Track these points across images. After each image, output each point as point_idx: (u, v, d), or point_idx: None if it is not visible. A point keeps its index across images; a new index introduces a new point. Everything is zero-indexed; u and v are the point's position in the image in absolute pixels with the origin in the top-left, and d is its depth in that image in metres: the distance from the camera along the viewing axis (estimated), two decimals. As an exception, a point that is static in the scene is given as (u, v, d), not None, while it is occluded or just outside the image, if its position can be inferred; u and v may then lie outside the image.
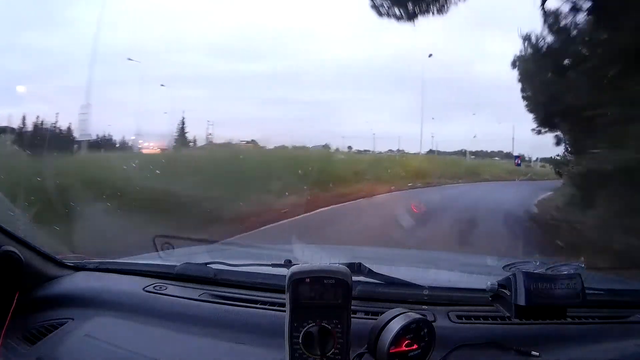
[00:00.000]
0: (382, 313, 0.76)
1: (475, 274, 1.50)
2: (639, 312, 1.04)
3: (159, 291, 1.08)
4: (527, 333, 0.91)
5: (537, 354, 0.84)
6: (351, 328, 0.71)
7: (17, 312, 0.97)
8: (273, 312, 0.97)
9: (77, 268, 1.22)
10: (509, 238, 5.81)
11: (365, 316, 0.94)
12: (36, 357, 0.88)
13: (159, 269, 1.19)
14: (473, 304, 1.00)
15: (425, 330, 0.74)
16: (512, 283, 0.80)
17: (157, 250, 1.41)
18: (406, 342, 0.72)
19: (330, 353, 0.69)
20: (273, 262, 1.09)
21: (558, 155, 14.48)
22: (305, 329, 0.69)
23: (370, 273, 1.02)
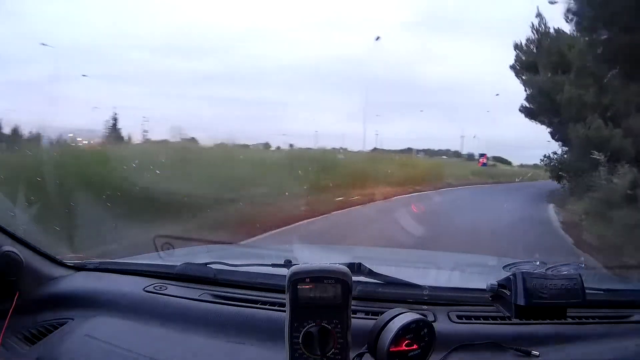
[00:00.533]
0: (382, 313, 0.76)
1: (475, 274, 1.50)
2: (639, 312, 1.04)
3: (159, 291, 1.08)
4: (527, 333, 0.91)
5: (537, 354, 0.85)
6: (351, 328, 0.71)
7: (17, 312, 0.97)
8: (273, 312, 0.97)
9: (77, 268, 1.22)
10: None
11: (365, 316, 0.94)
12: (36, 357, 0.88)
13: (159, 269, 1.19)
14: (473, 304, 1.00)
15: (425, 330, 0.74)
16: (512, 283, 0.80)
17: (157, 250, 1.42)
18: (406, 342, 0.72)
19: (330, 353, 0.69)
20: (273, 262, 1.09)
21: (555, 154, 14.14)
22: (305, 329, 0.69)
23: (371, 273, 1.02)
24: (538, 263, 0.87)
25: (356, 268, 1.00)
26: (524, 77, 14.05)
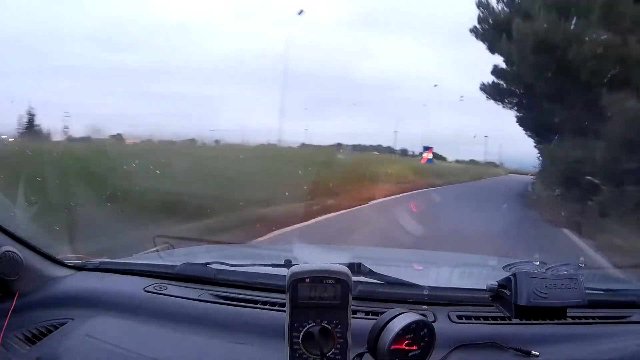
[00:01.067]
0: (382, 313, 0.76)
1: (475, 274, 1.50)
2: (639, 312, 1.04)
3: (159, 291, 1.08)
4: (527, 333, 0.91)
5: (537, 354, 0.85)
6: (351, 328, 0.71)
7: (17, 312, 0.97)
8: (273, 312, 0.97)
9: (77, 268, 1.22)
10: None
11: (365, 316, 0.94)
12: (36, 357, 0.88)
13: (159, 269, 1.19)
14: (473, 304, 1.00)
15: (425, 330, 0.74)
16: (512, 283, 0.80)
17: (157, 250, 1.42)
18: (406, 342, 0.72)
19: (330, 353, 0.69)
20: (273, 262, 1.09)
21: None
22: (305, 329, 0.69)
23: (371, 273, 1.02)
24: (538, 263, 0.87)
25: (356, 268, 1.00)
26: (493, 40, 11.55)
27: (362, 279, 1.01)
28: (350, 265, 0.96)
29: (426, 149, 20.58)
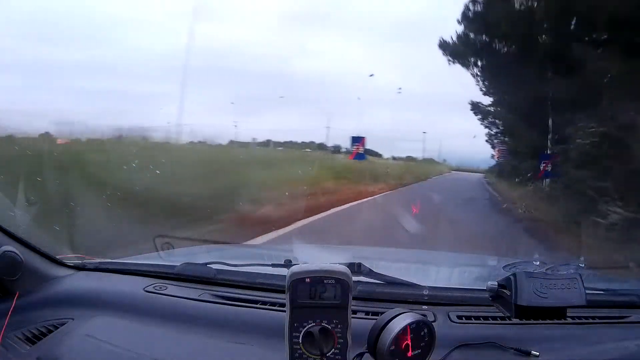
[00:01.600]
0: (382, 313, 0.76)
1: (475, 274, 1.50)
2: (638, 312, 1.04)
3: (159, 291, 1.08)
4: (527, 333, 0.91)
5: (537, 354, 0.85)
6: (351, 328, 0.71)
7: (17, 312, 0.97)
8: (273, 312, 0.97)
9: (77, 268, 1.22)
10: None
11: (365, 316, 0.94)
12: (36, 357, 0.88)
13: (159, 269, 1.19)
14: (473, 304, 1.00)
15: (425, 330, 0.74)
16: (512, 283, 0.80)
17: (157, 250, 1.42)
18: (406, 342, 0.72)
19: (330, 353, 0.69)
20: (273, 262, 1.09)
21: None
22: (305, 329, 0.69)
23: (371, 273, 1.02)
24: (538, 263, 0.87)
25: (356, 268, 1.00)
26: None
27: (362, 279, 1.01)
28: (350, 265, 0.96)
29: (356, 140, 13.81)
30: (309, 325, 0.69)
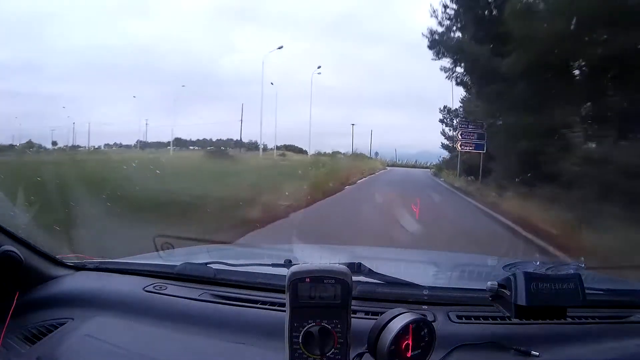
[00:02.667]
0: (382, 313, 0.76)
1: (475, 274, 1.50)
2: (639, 312, 1.04)
3: (159, 291, 1.08)
4: (527, 333, 0.91)
5: (537, 354, 0.85)
6: (351, 328, 0.71)
7: (17, 312, 0.97)
8: (273, 312, 0.97)
9: (77, 268, 1.22)
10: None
11: (365, 316, 0.94)
12: (36, 357, 0.88)
13: (159, 268, 1.19)
14: (473, 304, 1.00)
15: (425, 330, 0.74)
16: (512, 283, 0.80)
17: (157, 250, 1.42)
18: (406, 342, 0.72)
19: (330, 353, 0.69)
20: (273, 262, 1.09)
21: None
22: (305, 329, 0.69)
23: (371, 273, 1.02)
24: (538, 263, 0.87)
25: (356, 268, 1.00)
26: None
27: (362, 279, 1.01)
28: (350, 265, 0.96)
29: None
30: (309, 325, 0.69)
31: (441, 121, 23.26)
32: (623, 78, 7.44)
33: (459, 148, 15.75)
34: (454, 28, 12.16)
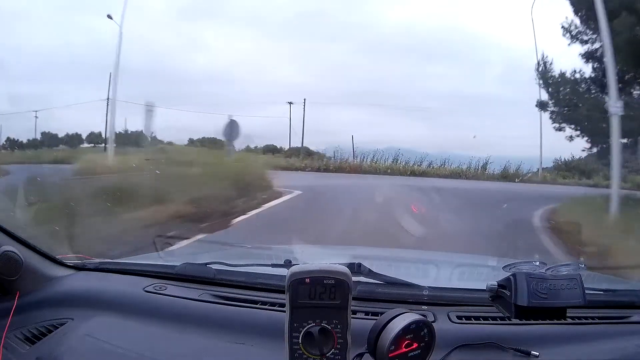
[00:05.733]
0: (382, 313, 0.76)
1: (475, 274, 1.50)
2: (638, 312, 1.04)
3: (159, 291, 1.08)
4: (527, 333, 0.91)
5: (537, 354, 0.85)
6: (351, 328, 0.71)
7: (17, 312, 0.97)
8: (273, 312, 0.97)
9: (77, 268, 1.23)
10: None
11: (365, 316, 0.94)
12: (36, 357, 0.88)
13: (159, 269, 1.19)
14: (473, 304, 1.00)
15: (425, 331, 0.74)
16: (512, 283, 0.80)
17: (157, 250, 1.42)
18: (406, 342, 0.72)
19: (330, 353, 0.69)
20: (273, 262, 1.10)
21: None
22: (305, 329, 0.69)
23: (370, 273, 1.02)
24: (538, 263, 0.87)
25: (356, 268, 1.00)
26: None
27: (362, 279, 1.01)
28: (350, 265, 0.96)
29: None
30: (309, 326, 0.69)
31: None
32: None
33: None
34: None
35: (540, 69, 10.70)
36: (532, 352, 0.85)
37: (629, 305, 1.07)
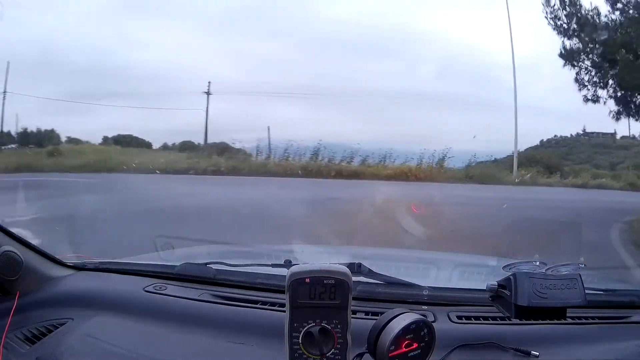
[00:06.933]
0: (382, 313, 0.76)
1: (475, 274, 1.50)
2: (638, 312, 1.04)
3: (159, 291, 1.08)
4: (527, 333, 0.91)
5: (537, 354, 0.85)
6: (351, 328, 0.71)
7: (17, 312, 0.97)
8: (273, 312, 0.97)
9: (77, 268, 1.23)
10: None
11: (365, 316, 0.94)
12: (36, 357, 0.88)
13: (159, 269, 1.19)
14: (473, 304, 1.00)
15: (425, 331, 0.74)
16: (512, 283, 0.80)
17: (157, 250, 1.42)
18: (406, 342, 0.72)
19: (330, 353, 0.69)
20: (273, 262, 1.10)
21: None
22: (305, 329, 0.69)
23: (370, 273, 1.02)
24: (538, 263, 0.87)
25: (356, 268, 1.00)
26: None
27: (362, 279, 1.01)
28: (350, 265, 0.96)
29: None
30: (309, 326, 0.69)
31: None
32: None
33: None
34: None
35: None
36: (532, 352, 0.85)
37: (629, 305, 1.07)
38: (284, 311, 0.71)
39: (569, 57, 8.20)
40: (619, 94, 7.83)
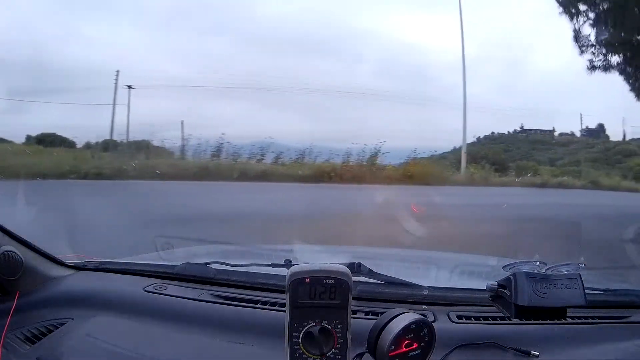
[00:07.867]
0: (382, 313, 0.76)
1: (475, 274, 1.50)
2: (638, 312, 1.04)
3: (159, 291, 1.08)
4: (527, 333, 0.91)
5: (537, 354, 0.85)
6: (351, 328, 0.71)
7: (17, 312, 0.97)
8: (273, 312, 0.97)
9: (77, 268, 1.23)
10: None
11: (365, 316, 0.94)
12: (36, 357, 0.88)
13: (159, 269, 1.19)
14: (473, 304, 1.00)
15: (425, 331, 0.74)
16: (512, 283, 0.80)
17: (157, 250, 1.42)
18: (406, 342, 0.72)
19: (330, 353, 0.69)
20: (273, 262, 1.09)
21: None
22: (305, 329, 0.69)
23: (371, 273, 1.02)
24: (538, 263, 0.87)
25: (356, 268, 1.00)
26: None
27: (362, 279, 1.01)
28: (350, 265, 0.96)
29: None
30: (309, 325, 0.69)
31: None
32: None
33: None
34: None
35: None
36: (532, 352, 0.85)
37: (629, 305, 1.07)
38: (284, 311, 0.71)
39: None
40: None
